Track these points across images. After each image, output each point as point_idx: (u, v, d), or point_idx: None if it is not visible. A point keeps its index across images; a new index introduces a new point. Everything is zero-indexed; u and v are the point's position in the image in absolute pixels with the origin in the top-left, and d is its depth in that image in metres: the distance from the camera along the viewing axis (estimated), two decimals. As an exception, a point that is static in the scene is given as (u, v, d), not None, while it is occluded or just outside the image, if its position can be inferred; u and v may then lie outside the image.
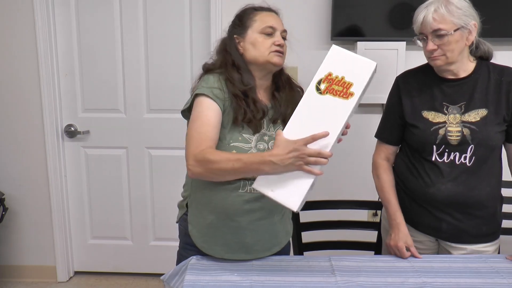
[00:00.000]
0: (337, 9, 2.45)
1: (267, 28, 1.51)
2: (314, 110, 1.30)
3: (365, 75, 1.30)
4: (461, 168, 1.60)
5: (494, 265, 1.56)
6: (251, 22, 1.54)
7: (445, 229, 1.66)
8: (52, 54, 2.69)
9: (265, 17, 1.54)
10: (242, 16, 1.57)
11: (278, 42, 1.51)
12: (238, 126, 1.48)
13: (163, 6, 2.66)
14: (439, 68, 1.61)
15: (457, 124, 1.59)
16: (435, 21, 1.50)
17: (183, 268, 1.54)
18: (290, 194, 1.29)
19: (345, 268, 1.53)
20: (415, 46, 1.63)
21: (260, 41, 1.51)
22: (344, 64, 1.32)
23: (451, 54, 1.54)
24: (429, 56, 1.58)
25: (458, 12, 1.49)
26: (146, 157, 2.85)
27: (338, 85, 1.30)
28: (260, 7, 1.58)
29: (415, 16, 1.57)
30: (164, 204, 2.87)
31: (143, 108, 2.79)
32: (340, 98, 1.29)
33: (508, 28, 2.44)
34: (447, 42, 1.51)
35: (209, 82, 1.49)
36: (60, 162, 2.82)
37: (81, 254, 3.01)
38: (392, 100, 1.74)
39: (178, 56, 2.71)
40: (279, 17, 1.58)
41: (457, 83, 1.61)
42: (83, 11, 2.69)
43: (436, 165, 1.62)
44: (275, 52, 1.51)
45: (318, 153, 1.24)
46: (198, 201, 1.57)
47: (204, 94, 1.46)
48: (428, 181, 1.63)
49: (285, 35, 1.56)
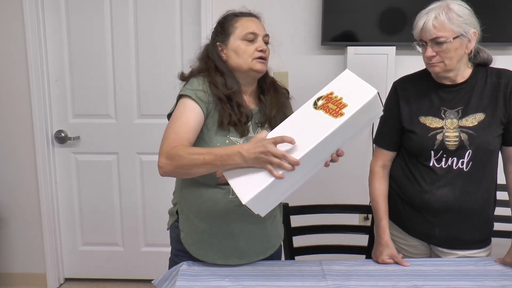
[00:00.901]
0: (327, 14, 2.47)
1: (248, 34, 1.51)
2: (303, 121, 1.31)
3: (362, 99, 1.28)
4: (458, 173, 1.60)
5: (484, 268, 1.57)
6: (232, 28, 1.54)
7: (438, 235, 1.66)
8: (42, 59, 2.67)
9: (246, 22, 1.54)
10: (223, 23, 1.57)
11: (260, 48, 1.51)
12: (224, 129, 1.48)
13: (153, 11, 2.66)
14: (437, 74, 1.61)
15: (454, 129, 1.59)
16: (435, 28, 1.50)
17: (173, 273, 1.53)
18: (246, 187, 1.28)
19: (336, 272, 1.53)
20: (405, 50, 1.64)
21: (243, 48, 1.51)
22: (348, 87, 1.33)
23: (450, 61, 1.54)
24: (427, 62, 1.59)
25: (458, 20, 1.50)
26: (137, 163, 2.84)
27: (334, 104, 1.30)
28: (240, 13, 1.58)
29: (416, 22, 1.57)
30: (155, 210, 2.85)
31: (134, 113, 2.78)
32: (330, 116, 1.28)
33: (508, 33, 2.47)
34: (446, 49, 1.52)
35: (193, 85, 1.50)
36: (50, 168, 2.81)
37: (72, 261, 2.99)
38: (390, 105, 1.73)
39: (168, 61, 2.71)
40: (261, 22, 1.58)
41: (454, 89, 1.62)
42: (74, 16, 2.68)
43: (433, 170, 1.62)
44: (258, 58, 1.51)
45: (283, 155, 1.22)
46: (189, 208, 1.57)
47: (188, 96, 1.47)
48: (425, 186, 1.64)
49: (267, 39, 1.56)
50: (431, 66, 1.58)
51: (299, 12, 2.55)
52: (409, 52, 2.39)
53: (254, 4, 2.52)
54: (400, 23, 2.42)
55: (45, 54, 2.70)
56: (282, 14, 2.53)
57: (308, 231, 2.04)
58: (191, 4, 2.64)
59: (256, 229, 1.57)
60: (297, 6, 2.54)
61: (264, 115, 1.57)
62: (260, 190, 1.25)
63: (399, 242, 1.75)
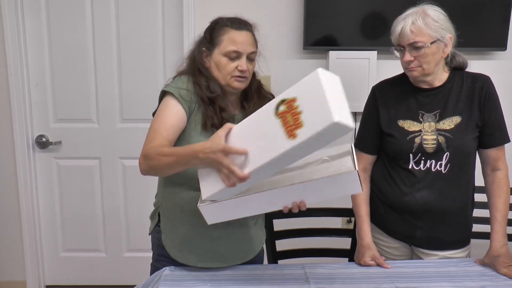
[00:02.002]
0: (309, 19, 2.48)
1: (231, 52, 1.47)
2: (261, 127, 1.20)
3: (318, 125, 1.09)
4: (437, 175, 1.63)
5: (464, 269, 1.60)
6: (219, 40, 1.49)
7: (419, 236, 1.69)
8: (22, 63, 2.63)
9: (233, 36, 1.48)
10: (213, 29, 1.53)
11: (240, 68, 1.47)
12: (208, 130, 1.48)
13: (135, 15, 2.65)
14: (415, 79, 1.63)
15: (432, 132, 1.62)
16: (413, 34, 1.52)
17: (156, 279, 1.52)
18: (206, 185, 1.29)
19: (319, 276, 1.54)
20: (386, 55, 1.66)
21: (223, 64, 1.48)
22: (312, 98, 1.12)
23: (427, 65, 1.57)
24: (406, 67, 1.61)
25: (435, 25, 1.52)
26: (120, 168, 2.82)
27: (292, 116, 1.14)
28: (231, 22, 1.51)
29: (393, 27, 1.58)
30: (138, 215, 2.83)
31: (116, 117, 2.76)
32: (284, 132, 1.14)
33: (482, 38, 2.51)
34: (423, 54, 1.54)
35: (178, 83, 1.50)
36: (31, 174, 2.76)
37: (53, 268, 2.94)
38: (369, 110, 1.76)
39: (151, 65, 2.70)
40: (251, 34, 1.52)
41: (431, 93, 1.65)
42: (54, 20, 2.65)
43: (413, 173, 1.65)
44: (237, 77, 1.49)
45: (231, 170, 1.19)
46: (170, 210, 1.56)
47: (170, 93, 1.47)
48: (404, 189, 1.66)
49: (253, 56, 1.52)
50: (410, 70, 1.60)
51: (281, 16, 2.56)
52: (390, 56, 2.39)
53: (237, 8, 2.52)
54: (382, 28, 2.45)
55: (25, 57, 2.66)
56: (265, 18, 2.53)
57: (291, 234, 2.04)
58: (173, 8, 2.63)
59: (237, 233, 1.56)
60: (279, 10, 2.56)
61: None
62: (215, 193, 1.27)
63: (381, 245, 1.77)
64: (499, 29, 2.49)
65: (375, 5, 2.47)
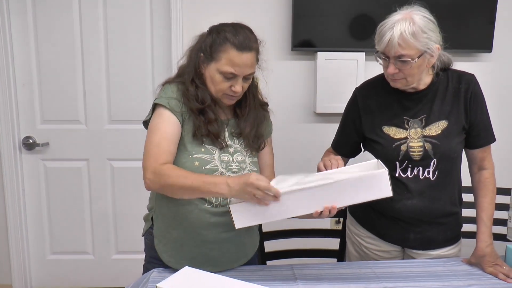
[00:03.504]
0: (297, 20, 2.49)
1: (228, 73, 1.42)
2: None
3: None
4: (426, 183, 1.62)
5: (452, 268, 1.61)
6: (217, 54, 1.43)
7: (413, 238, 1.69)
8: (8, 63, 2.60)
9: (234, 58, 1.41)
10: (214, 40, 1.45)
11: (234, 89, 1.45)
12: (199, 138, 1.48)
13: (123, 15, 2.63)
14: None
15: (418, 139, 1.59)
16: (400, 47, 1.45)
17: (144, 281, 1.51)
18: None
19: (308, 276, 1.54)
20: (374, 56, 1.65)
21: (217, 81, 1.45)
22: None
23: (412, 78, 1.53)
24: (389, 77, 1.56)
25: (423, 36, 1.45)
26: (108, 169, 2.80)
27: None
28: (234, 40, 1.42)
29: (380, 34, 1.50)
30: (127, 217, 2.81)
31: (104, 119, 2.74)
32: None
33: (468, 40, 2.53)
34: (409, 67, 1.48)
35: (167, 93, 1.49)
36: (18, 176, 2.73)
37: (40, 271, 2.91)
38: (350, 115, 1.73)
39: (139, 66, 2.68)
40: (254, 54, 1.45)
41: (416, 96, 1.61)
42: (41, 19, 2.62)
43: (400, 180, 1.63)
44: (228, 95, 1.47)
45: (265, 187, 1.26)
46: (164, 215, 1.55)
47: (163, 105, 1.46)
48: (394, 196, 1.64)
49: (251, 76, 1.48)
50: (393, 81, 1.57)
51: (269, 17, 2.56)
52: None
53: (224, 9, 2.53)
54: (370, 30, 2.42)
55: (11, 58, 2.63)
56: (253, 19, 2.51)
57: (280, 235, 2.04)
58: (161, 9, 2.62)
59: (230, 238, 1.55)
60: (267, 11, 2.56)
61: (239, 128, 1.56)
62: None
63: (371, 249, 1.77)
64: (484, 31, 2.51)
65: (363, 6, 2.48)
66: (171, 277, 1.36)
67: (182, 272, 1.39)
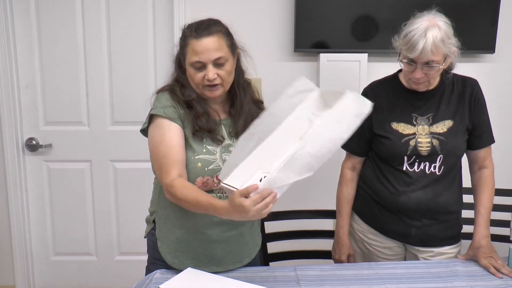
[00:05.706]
0: (299, 21, 2.49)
1: (195, 63, 1.44)
2: None
3: None
4: (432, 177, 1.67)
5: (453, 269, 1.62)
6: (185, 50, 1.47)
7: (414, 234, 1.72)
8: (11, 65, 2.61)
9: (194, 46, 1.43)
10: (180, 40, 1.50)
11: (207, 77, 1.44)
12: (198, 137, 1.48)
13: (126, 17, 2.64)
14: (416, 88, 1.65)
15: (426, 135, 1.65)
16: (432, 54, 1.49)
17: (147, 282, 1.52)
18: None
19: (310, 277, 1.55)
20: (377, 57, 1.66)
21: (192, 74, 1.47)
22: None
23: (434, 80, 1.62)
24: (413, 80, 1.60)
25: (448, 41, 1.52)
26: (111, 170, 2.80)
27: None
28: (191, 31, 1.45)
29: (411, 42, 1.49)
30: (130, 218, 2.82)
31: (107, 120, 2.75)
32: None
33: (470, 41, 2.51)
34: (435, 72, 1.55)
35: (161, 101, 1.50)
36: (21, 177, 2.74)
37: (43, 272, 2.92)
38: None
39: (141, 68, 2.69)
40: (216, 38, 1.44)
41: (424, 95, 1.67)
42: (44, 21, 2.63)
43: (407, 174, 1.68)
44: (207, 86, 1.47)
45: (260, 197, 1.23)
46: (166, 216, 1.56)
47: (159, 115, 1.47)
48: (399, 189, 1.69)
49: (222, 61, 1.44)
50: (416, 84, 1.61)
51: (272, 18, 2.56)
52: (380, 59, 2.44)
53: (227, 10, 2.54)
54: (372, 31, 2.47)
55: (14, 59, 2.64)
56: (255, 20, 2.54)
57: (283, 237, 2.04)
58: (164, 11, 2.63)
59: (233, 237, 1.56)
60: (270, 13, 2.56)
61: (234, 127, 1.56)
62: None
63: (374, 245, 1.79)
64: (487, 32, 2.51)
65: (366, 7, 2.48)
66: (174, 278, 1.36)
67: (185, 273, 1.39)
